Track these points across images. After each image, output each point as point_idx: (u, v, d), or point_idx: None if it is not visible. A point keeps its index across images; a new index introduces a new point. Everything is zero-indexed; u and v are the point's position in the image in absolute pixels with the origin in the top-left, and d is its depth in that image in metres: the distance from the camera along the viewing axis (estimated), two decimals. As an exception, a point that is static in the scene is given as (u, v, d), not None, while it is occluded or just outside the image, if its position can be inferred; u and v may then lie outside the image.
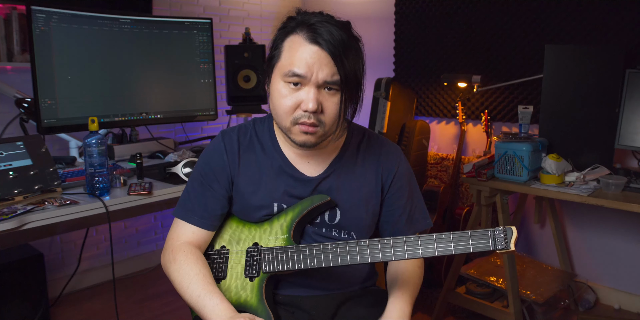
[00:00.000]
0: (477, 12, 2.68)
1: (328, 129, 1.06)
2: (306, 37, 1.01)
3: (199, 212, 1.17)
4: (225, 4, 3.18)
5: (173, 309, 2.50)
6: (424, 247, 1.02)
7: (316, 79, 1.01)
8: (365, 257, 1.05)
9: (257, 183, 1.16)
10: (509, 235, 0.99)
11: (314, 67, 1.01)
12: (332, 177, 1.17)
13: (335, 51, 1.00)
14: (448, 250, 1.01)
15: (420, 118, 3.01)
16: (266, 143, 1.18)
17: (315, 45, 1.01)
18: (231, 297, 1.13)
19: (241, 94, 2.66)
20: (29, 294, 2.19)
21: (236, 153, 1.17)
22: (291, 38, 1.04)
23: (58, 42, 1.92)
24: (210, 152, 1.19)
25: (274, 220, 1.15)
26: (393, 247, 1.03)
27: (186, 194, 1.21)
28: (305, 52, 1.01)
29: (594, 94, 2.11)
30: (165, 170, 1.82)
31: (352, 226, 1.18)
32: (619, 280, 2.48)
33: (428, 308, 2.47)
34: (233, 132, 1.20)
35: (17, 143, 1.52)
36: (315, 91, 1.02)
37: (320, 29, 1.01)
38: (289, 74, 1.02)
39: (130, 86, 2.18)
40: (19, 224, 1.38)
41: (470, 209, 2.61)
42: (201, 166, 1.20)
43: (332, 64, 1.01)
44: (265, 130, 1.20)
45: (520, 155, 2.04)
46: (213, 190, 1.17)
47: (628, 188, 1.90)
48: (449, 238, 1.01)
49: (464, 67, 2.78)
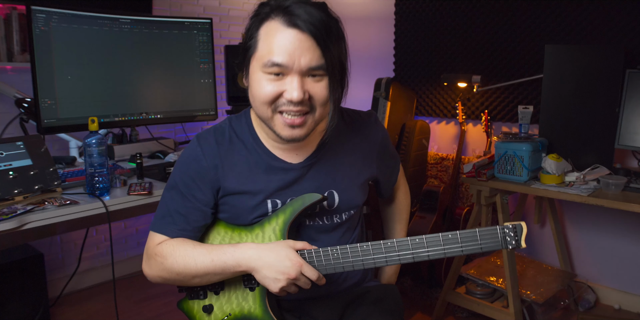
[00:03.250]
0: (477, 12, 2.68)
1: (318, 116, 0.99)
2: (283, 21, 0.92)
3: (180, 224, 1.08)
4: (225, 4, 3.18)
5: (173, 309, 2.50)
6: (431, 249, 0.97)
7: (299, 66, 0.92)
8: (370, 262, 1.00)
9: (247, 183, 1.07)
10: (519, 232, 0.95)
11: (295, 53, 0.91)
12: (322, 161, 1.11)
13: (317, 32, 0.91)
14: (457, 251, 0.96)
15: (420, 118, 3.01)
16: (247, 140, 1.09)
17: (294, 29, 0.91)
18: (233, 309, 1.09)
19: (241, 94, 2.66)
20: (29, 294, 2.19)
21: (217, 156, 1.07)
22: (267, 25, 0.94)
23: (58, 42, 1.92)
24: (186, 159, 1.09)
25: (265, 223, 1.08)
26: (398, 250, 0.99)
27: (164, 207, 1.10)
28: (284, 37, 0.92)
29: (594, 94, 2.11)
30: (165, 170, 1.82)
31: (351, 206, 1.15)
32: (619, 280, 2.47)
33: (428, 308, 2.47)
34: (209, 134, 1.10)
35: (17, 143, 1.52)
36: (299, 79, 0.93)
37: (298, 10, 0.91)
38: (268, 64, 0.93)
39: (130, 86, 2.18)
40: (19, 224, 1.38)
41: (470, 209, 2.61)
42: (179, 176, 1.09)
43: (314, 47, 0.92)
44: (244, 126, 1.10)
45: (520, 155, 2.04)
46: (196, 200, 1.07)
47: (628, 188, 1.90)
48: (456, 238, 0.97)
49: (464, 67, 2.78)
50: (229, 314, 1.10)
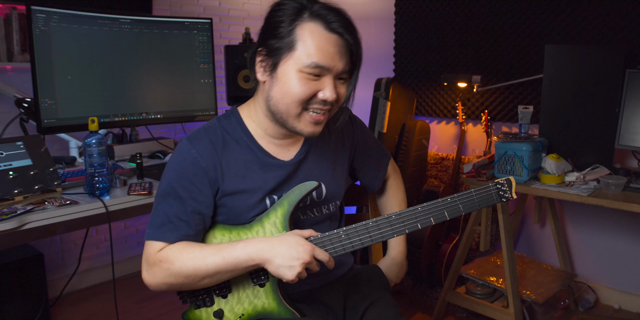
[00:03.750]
0: (477, 12, 2.68)
1: (332, 114, 1.08)
2: (323, 25, 0.99)
3: (183, 230, 1.05)
4: (225, 4, 3.18)
5: (173, 309, 2.50)
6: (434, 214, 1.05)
7: (337, 70, 1.00)
8: (378, 237, 1.06)
9: (244, 181, 1.08)
10: (509, 186, 1.04)
11: (335, 57, 0.99)
12: (310, 155, 1.17)
13: (352, 39, 1.01)
14: (458, 211, 1.05)
15: (420, 118, 3.01)
16: (240, 138, 1.10)
17: (335, 34, 0.99)
18: (246, 309, 1.10)
19: (241, 94, 2.66)
20: (29, 294, 2.19)
21: (214, 156, 1.06)
22: (306, 26, 0.99)
23: (58, 42, 1.92)
24: (181, 163, 1.06)
25: (264, 219, 1.09)
26: (404, 222, 1.05)
27: (162, 215, 1.05)
28: (327, 42, 0.98)
29: (594, 94, 2.11)
30: (165, 170, 1.82)
31: (336, 196, 1.22)
32: (619, 280, 2.47)
33: (428, 308, 2.47)
34: (200, 135, 1.08)
35: (17, 143, 1.52)
36: (334, 81, 1.01)
37: (334, 17, 1.00)
38: (310, 66, 0.97)
39: (130, 86, 2.18)
40: (19, 224, 1.38)
41: (470, 209, 2.61)
42: (175, 181, 1.05)
43: (349, 52, 1.01)
44: (235, 124, 1.11)
45: (520, 155, 2.04)
46: (197, 203, 1.05)
47: (628, 188, 1.90)
48: (455, 201, 1.04)
49: (464, 67, 2.78)
50: (242, 314, 1.10)
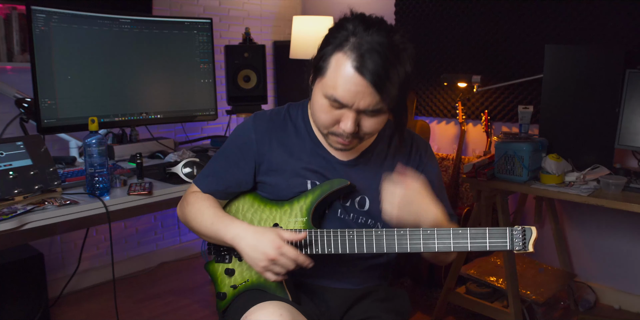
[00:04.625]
0: (477, 12, 2.68)
1: (366, 141, 1.12)
2: (353, 62, 0.97)
3: (214, 184, 1.20)
4: (225, 4, 3.18)
5: (173, 309, 2.50)
6: (440, 241, 1.02)
7: (357, 107, 1.00)
8: (381, 247, 1.06)
9: (290, 161, 1.16)
10: (527, 236, 0.98)
11: (356, 96, 0.98)
12: (362, 165, 1.18)
13: (379, 82, 0.96)
14: (464, 246, 1.00)
15: (420, 118, 3.01)
16: (299, 126, 1.19)
17: (360, 75, 0.97)
18: (252, 276, 1.17)
19: (241, 94, 2.66)
20: (29, 294, 2.19)
21: (266, 131, 1.17)
22: (340, 56, 0.99)
23: (58, 42, 1.92)
24: (238, 130, 1.21)
25: (294, 201, 1.16)
26: (409, 238, 1.04)
27: (210, 167, 1.23)
28: (349, 79, 0.97)
29: (594, 94, 2.11)
30: (165, 170, 1.82)
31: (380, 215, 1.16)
32: (619, 280, 2.47)
33: (428, 308, 2.47)
34: (265, 113, 1.21)
35: (17, 143, 1.52)
36: (354, 116, 1.01)
37: (368, 60, 0.96)
38: (331, 98, 1.00)
39: (130, 86, 2.18)
40: (19, 224, 1.38)
41: (470, 209, 2.61)
42: (228, 144, 1.22)
43: (375, 93, 0.98)
44: (299, 115, 1.20)
45: (520, 155, 2.04)
46: (237, 167, 1.18)
47: (628, 188, 1.90)
48: (465, 234, 1.00)
49: (464, 67, 2.78)
50: (247, 280, 1.19)
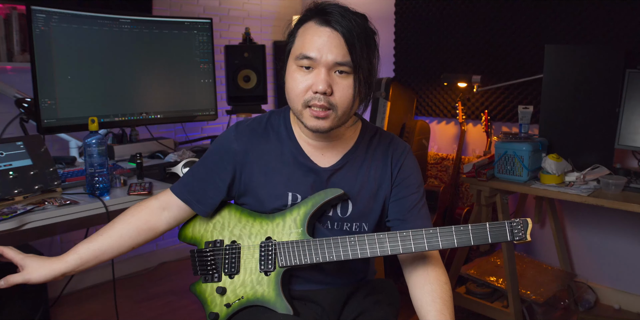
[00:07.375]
0: (477, 12, 2.68)
1: (341, 113, 1.06)
2: (318, 20, 1.04)
3: (197, 194, 1.19)
4: (225, 4, 3.18)
5: (173, 309, 2.50)
6: (443, 238, 1.04)
7: (326, 60, 1.02)
8: (385, 250, 1.06)
9: (270, 172, 1.16)
10: (525, 227, 1.03)
11: (324, 48, 1.02)
12: (345, 169, 1.17)
13: (346, 31, 1.02)
14: (467, 241, 1.04)
15: (420, 118, 3.01)
16: (281, 133, 1.19)
17: (327, 27, 1.02)
18: (247, 292, 1.15)
19: (241, 94, 2.66)
20: (29, 294, 2.19)
21: (247, 141, 1.17)
22: (305, 25, 1.06)
23: (58, 42, 1.92)
24: (220, 139, 1.22)
25: (287, 214, 1.15)
26: (413, 239, 1.05)
27: (190, 175, 1.23)
28: (315, 34, 1.03)
29: (594, 94, 2.11)
30: (165, 170, 1.82)
31: (363, 218, 1.18)
32: (619, 280, 2.47)
33: (428, 308, 2.47)
34: (247, 121, 1.22)
35: (17, 143, 1.52)
36: (325, 72, 1.03)
37: (333, 12, 1.03)
38: (300, 57, 1.04)
39: (130, 86, 2.18)
40: (19, 224, 1.38)
41: (470, 209, 2.61)
42: (210, 153, 1.22)
43: (343, 44, 1.02)
44: (281, 120, 1.21)
45: (520, 155, 2.04)
46: (218, 177, 1.18)
47: (628, 188, 1.90)
48: (467, 230, 1.04)
49: (464, 67, 2.78)
50: (242, 297, 1.16)
